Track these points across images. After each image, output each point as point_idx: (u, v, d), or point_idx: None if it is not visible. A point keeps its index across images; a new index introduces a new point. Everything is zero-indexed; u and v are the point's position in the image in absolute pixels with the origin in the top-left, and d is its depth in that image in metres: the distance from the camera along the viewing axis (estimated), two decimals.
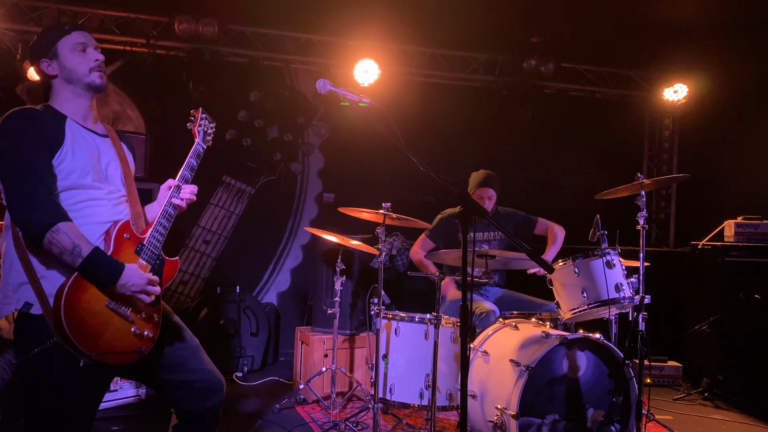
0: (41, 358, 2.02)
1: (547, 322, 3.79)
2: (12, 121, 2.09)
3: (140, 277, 2.10)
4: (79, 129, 2.22)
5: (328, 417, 4.14)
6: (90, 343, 1.98)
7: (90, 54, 2.26)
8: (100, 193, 2.20)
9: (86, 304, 2.01)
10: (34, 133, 2.08)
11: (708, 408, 4.80)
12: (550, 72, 6.25)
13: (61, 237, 1.99)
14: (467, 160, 6.63)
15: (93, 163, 2.20)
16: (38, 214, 1.99)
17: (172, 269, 2.31)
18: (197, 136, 2.49)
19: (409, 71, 6.15)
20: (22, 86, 5.30)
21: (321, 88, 2.52)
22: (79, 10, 5.25)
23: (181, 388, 2.33)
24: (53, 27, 2.28)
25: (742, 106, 5.98)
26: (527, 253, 2.51)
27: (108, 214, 2.19)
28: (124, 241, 2.16)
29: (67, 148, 2.13)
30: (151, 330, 2.18)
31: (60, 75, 2.24)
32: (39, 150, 2.06)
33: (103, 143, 2.29)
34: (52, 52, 2.23)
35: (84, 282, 2.02)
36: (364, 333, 4.71)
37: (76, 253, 1.99)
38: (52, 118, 2.17)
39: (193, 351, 2.37)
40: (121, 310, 2.09)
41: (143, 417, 3.98)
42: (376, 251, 3.75)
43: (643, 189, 3.64)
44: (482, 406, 3.50)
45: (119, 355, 2.06)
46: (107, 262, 2.05)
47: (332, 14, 5.49)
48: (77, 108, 2.26)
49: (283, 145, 6.17)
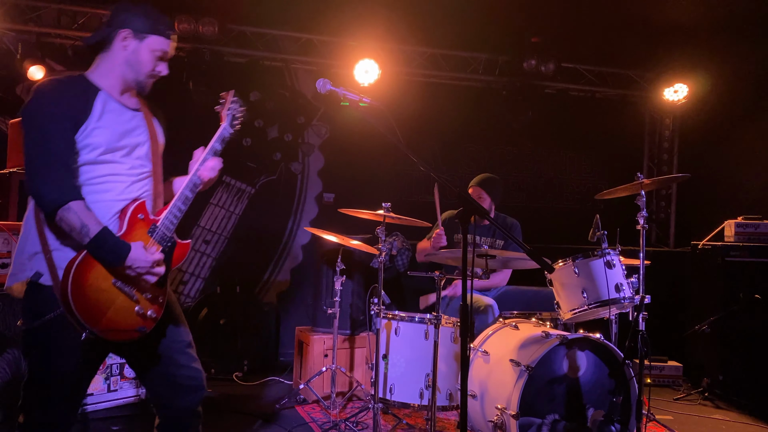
0: (45, 327, 2.07)
1: (547, 321, 3.79)
2: (38, 95, 2.11)
3: (146, 259, 2.12)
4: (111, 102, 2.22)
5: (328, 417, 4.14)
6: (93, 318, 2.03)
7: (160, 65, 2.30)
8: (121, 168, 2.21)
9: (93, 281, 2.05)
10: (57, 108, 2.09)
11: (708, 408, 4.80)
12: (550, 72, 6.25)
13: (71, 215, 2.02)
14: (467, 160, 6.63)
15: (119, 138, 2.20)
16: (51, 190, 2.03)
17: (183, 252, 2.33)
18: (224, 119, 2.46)
19: (410, 71, 6.15)
20: (22, 86, 5.29)
21: (321, 87, 2.52)
22: (80, 10, 5.24)
23: (164, 381, 2.34)
24: (160, 20, 2.27)
25: (742, 106, 5.98)
26: (527, 252, 2.51)
27: (127, 191, 2.21)
28: (138, 221, 2.19)
29: (93, 123, 2.13)
30: (155, 311, 2.21)
31: (124, 54, 2.24)
32: (61, 125, 2.07)
33: (134, 118, 2.29)
34: (140, 35, 2.23)
35: (93, 259, 2.06)
36: (364, 333, 4.71)
37: (84, 233, 2.03)
38: (82, 91, 2.17)
39: (184, 346, 2.38)
40: (127, 289, 2.13)
41: (143, 417, 3.98)
42: (376, 251, 3.75)
43: (643, 189, 3.64)
44: (482, 406, 3.50)
45: (121, 332, 2.11)
46: (113, 243, 2.07)
47: (332, 14, 5.49)
48: (116, 84, 2.26)
49: (283, 145, 6.17)
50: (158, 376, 2.33)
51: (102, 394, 4.05)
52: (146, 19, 2.24)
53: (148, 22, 2.23)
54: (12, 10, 5.05)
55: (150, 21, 2.24)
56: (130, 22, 2.22)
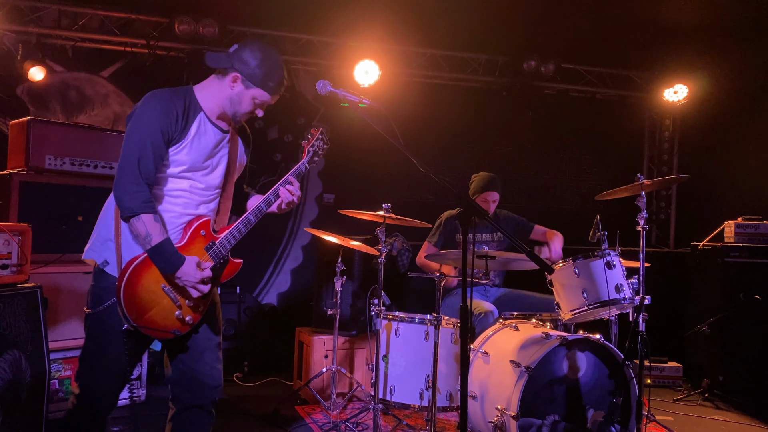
0: (100, 314, 2.34)
1: (547, 322, 3.79)
2: (148, 103, 2.35)
3: (194, 275, 2.32)
4: (206, 124, 2.43)
5: (328, 418, 4.14)
6: (136, 313, 2.27)
7: (259, 110, 2.49)
8: (197, 186, 2.44)
9: (145, 281, 2.29)
10: (161, 121, 2.30)
11: (708, 408, 4.80)
12: (550, 73, 6.26)
13: (139, 225, 2.26)
14: (467, 161, 6.64)
15: (204, 159, 2.43)
16: (129, 199, 2.26)
17: (233, 269, 2.55)
18: (305, 155, 2.72)
19: (409, 72, 6.15)
20: (22, 87, 5.30)
21: (321, 89, 2.52)
22: (80, 11, 5.25)
23: (187, 374, 2.50)
24: (271, 76, 2.41)
25: (742, 107, 5.99)
26: (527, 253, 2.51)
27: (196, 207, 2.45)
28: (199, 237, 2.43)
29: (186, 143, 2.36)
30: (193, 318, 2.42)
31: (230, 92, 2.42)
32: (159, 137, 2.30)
33: (222, 140, 2.50)
34: (248, 84, 2.40)
35: (150, 262, 2.30)
36: (364, 334, 4.71)
37: (147, 241, 2.26)
38: (189, 108, 2.38)
39: (212, 346, 2.56)
40: (173, 294, 2.35)
41: (144, 418, 3.98)
42: (376, 252, 3.75)
43: (643, 190, 3.64)
44: (482, 407, 3.50)
45: (158, 331, 2.34)
46: (170, 255, 2.30)
47: (332, 15, 5.49)
48: (216, 109, 2.45)
49: (283, 146, 6.18)
50: (182, 369, 2.50)
51: None
52: (259, 71, 2.39)
53: (259, 75, 2.40)
54: (12, 11, 5.05)
55: (260, 75, 2.40)
56: (244, 68, 2.39)
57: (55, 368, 3.79)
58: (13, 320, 3.08)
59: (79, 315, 3.98)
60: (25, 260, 3.17)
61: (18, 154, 3.97)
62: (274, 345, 5.61)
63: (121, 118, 5.61)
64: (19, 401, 3.06)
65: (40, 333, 3.23)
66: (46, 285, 3.38)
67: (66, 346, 3.89)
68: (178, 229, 2.40)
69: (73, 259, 3.95)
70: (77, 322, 3.97)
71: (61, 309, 3.89)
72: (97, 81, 5.56)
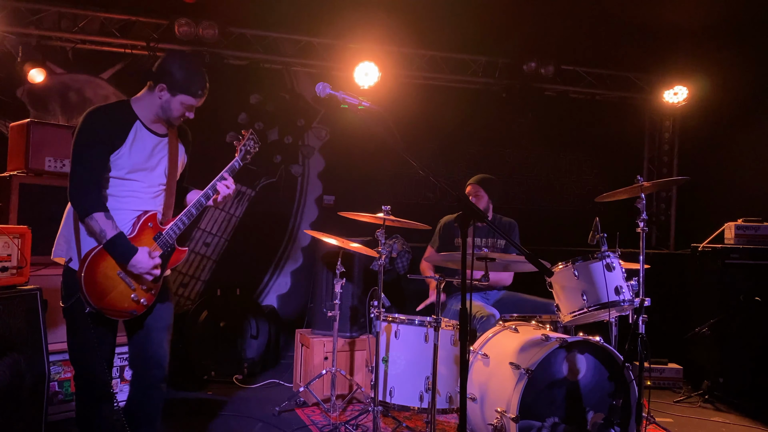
0: (72, 306, 2.66)
1: (546, 324, 3.79)
2: (86, 120, 2.64)
3: (147, 263, 2.64)
4: (142, 130, 2.72)
5: (328, 420, 4.14)
6: (96, 297, 2.60)
7: (189, 113, 2.75)
8: (140, 186, 2.73)
9: (103, 269, 2.61)
10: (98, 133, 2.62)
11: (708, 410, 4.79)
12: (550, 74, 6.26)
13: (93, 223, 2.58)
14: (467, 163, 6.64)
15: (143, 161, 2.71)
16: (82, 201, 2.60)
17: (179, 257, 2.85)
18: (238, 153, 2.92)
19: (409, 74, 6.16)
20: (22, 89, 5.30)
21: (321, 91, 2.53)
22: (80, 13, 5.25)
23: (138, 350, 2.84)
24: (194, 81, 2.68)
25: (742, 108, 5.99)
26: (526, 256, 2.51)
27: (143, 205, 2.74)
28: (147, 229, 2.73)
29: (125, 148, 2.66)
30: (147, 299, 2.74)
31: (159, 101, 2.70)
32: (98, 148, 2.61)
33: (159, 143, 2.77)
34: (173, 91, 2.67)
35: (106, 253, 2.61)
36: (364, 336, 4.71)
37: (102, 236, 2.59)
38: (123, 119, 2.68)
39: (162, 327, 2.85)
40: (128, 280, 2.66)
41: None
42: (376, 254, 3.75)
43: (643, 191, 3.64)
44: (482, 409, 3.50)
45: (117, 312, 2.67)
46: (124, 247, 2.61)
47: (332, 17, 5.50)
48: (150, 116, 2.74)
49: (283, 148, 6.18)
50: (135, 345, 2.85)
51: None
52: (181, 80, 2.67)
53: (182, 82, 2.67)
54: (12, 13, 5.05)
55: (183, 82, 2.67)
56: (167, 78, 2.68)
57: (55, 370, 3.79)
58: (13, 322, 3.09)
59: None
60: (25, 262, 3.18)
61: (18, 156, 3.97)
62: (273, 347, 5.61)
63: None
64: (19, 403, 3.06)
65: (40, 335, 3.23)
66: (45, 287, 3.38)
67: (65, 348, 3.88)
68: (129, 223, 2.70)
69: None
70: None
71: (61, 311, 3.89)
72: (97, 83, 5.56)
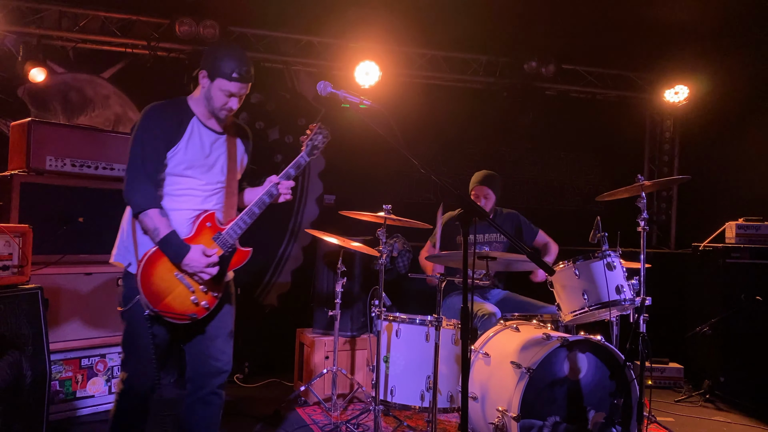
0: (130, 310, 2.62)
1: (548, 324, 3.79)
2: (145, 116, 2.63)
3: (200, 261, 2.58)
4: (200, 127, 2.69)
5: (329, 419, 4.14)
6: (154, 300, 2.56)
7: (230, 101, 2.66)
8: (197, 184, 2.68)
9: (159, 270, 2.58)
10: (156, 129, 2.59)
11: (709, 410, 4.79)
12: (550, 74, 6.25)
13: (147, 220, 2.55)
14: (468, 162, 6.63)
15: (200, 158, 2.67)
16: (137, 197, 2.56)
17: (242, 257, 2.78)
18: (304, 148, 2.84)
19: (410, 73, 6.15)
20: (23, 88, 5.30)
21: (322, 90, 2.54)
22: (81, 12, 5.25)
23: (199, 357, 2.78)
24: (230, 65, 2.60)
25: (742, 108, 5.98)
26: (527, 255, 2.51)
27: (200, 204, 2.69)
28: (205, 229, 2.67)
29: (182, 144, 2.62)
30: (209, 302, 2.67)
31: (203, 90, 2.67)
32: (156, 143, 2.58)
33: (217, 140, 2.73)
34: (212, 75, 2.62)
35: (162, 254, 2.57)
36: (365, 335, 4.71)
37: (155, 234, 2.55)
38: (181, 114, 2.66)
39: (224, 334, 2.83)
40: (186, 281, 2.61)
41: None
42: (377, 253, 3.75)
43: (644, 190, 3.64)
44: (483, 408, 3.50)
45: (175, 315, 2.60)
46: (177, 245, 2.56)
47: (333, 16, 5.49)
48: (204, 111, 2.70)
49: (284, 147, 6.17)
50: (195, 352, 2.79)
51: (103, 396, 4.06)
52: (219, 63, 2.61)
53: (219, 66, 2.61)
54: (13, 12, 5.05)
55: (220, 65, 2.60)
56: (207, 64, 2.65)
57: (56, 369, 3.80)
58: (14, 321, 3.09)
59: (80, 316, 3.99)
60: (26, 261, 3.18)
61: (19, 156, 3.97)
62: (274, 346, 5.61)
63: (122, 120, 5.62)
64: (20, 402, 3.07)
65: (41, 334, 3.23)
66: (46, 286, 3.38)
67: (67, 347, 3.90)
68: (187, 223, 2.65)
69: (74, 260, 3.96)
70: (78, 323, 3.98)
71: (62, 310, 3.90)
72: (97, 82, 5.56)
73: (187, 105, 2.70)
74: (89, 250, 4.00)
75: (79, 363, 3.96)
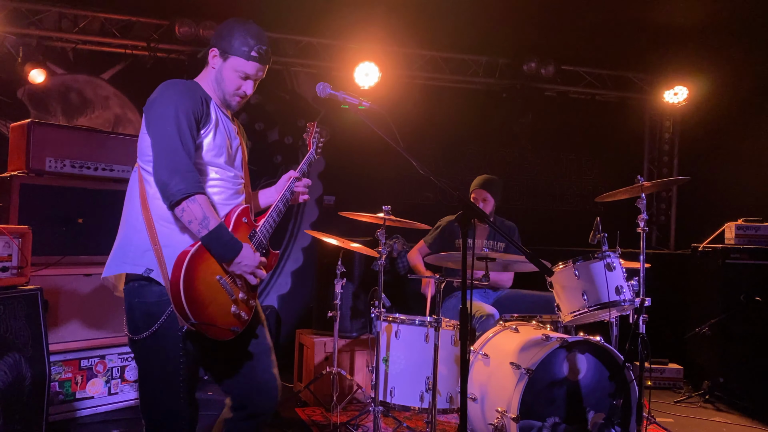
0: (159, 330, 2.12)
1: (547, 324, 3.79)
2: (171, 89, 2.20)
3: (254, 259, 2.19)
4: (219, 112, 2.33)
5: (328, 420, 4.14)
6: (197, 310, 2.05)
7: (245, 85, 2.33)
8: (227, 176, 2.31)
9: (202, 274, 2.10)
10: (189, 104, 2.16)
11: (709, 410, 4.79)
12: (550, 74, 6.26)
13: (195, 207, 2.07)
14: (467, 163, 6.64)
15: (227, 146, 2.31)
16: (180, 180, 2.07)
17: (273, 261, 2.44)
18: (311, 146, 2.78)
19: (410, 74, 6.16)
20: (23, 89, 5.30)
21: (321, 91, 2.53)
22: (80, 14, 5.26)
23: (246, 381, 2.36)
24: (247, 42, 2.29)
25: (742, 108, 5.99)
26: (527, 255, 2.51)
27: (232, 198, 2.32)
28: (242, 225, 2.28)
29: (212, 126, 2.24)
30: (246, 313, 2.25)
31: (213, 72, 2.33)
32: (190, 121, 2.15)
33: (233, 129, 2.41)
34: (225, 54, 2.30)
35: (205, 252, 2.11)
36: (364, 336, 4.71)
37: (204, 225, 2.08)
38: (202, 95, 2.26)
39: (267, 349, 2.44)
40: (228, 287, 2.17)
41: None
42: (377, 254, 3.75)
43: (644, 191, 3.64)
44: (483, 409, 3.50)
45: (217, 329, 2.13)
46: (229, 239, 2.14)
47: (332, 17, 5.49)
48: (215, 97, 2.35)
49: (283, 148, 6.18)
50: (241, 376, 2.35)
51: (102, 397, 4.06)
52: (234, 40, 2.29)
53: (234, 43, 2.29)
54: (13, 13, 5.06)
55: (236, 42, 2.29)
56: (219, 41, 2.31)
57: (56, 371, 3.80)
58: (14, 323, 3.09)
59: (80, 317, 3.98)
60: (26, 262, 3.17)
61: (18, 157, 3.97)
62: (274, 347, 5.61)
63: (121, 121, 5.62)
64: (20, 404, 3.06)
65: (41, 335, 3.23)
66: (46, 287, 3.38)
67: (66, 348, 3.90)
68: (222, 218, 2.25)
69: (74, 261, 3.96)
70: (77, 324, 3.98)
71: (62, 311, 3.90)
72: (97, 83, 5.57)
73: (202, 88, 2.33)
74: (89, 251, 4.00)
75: (79, 364, 3.96)
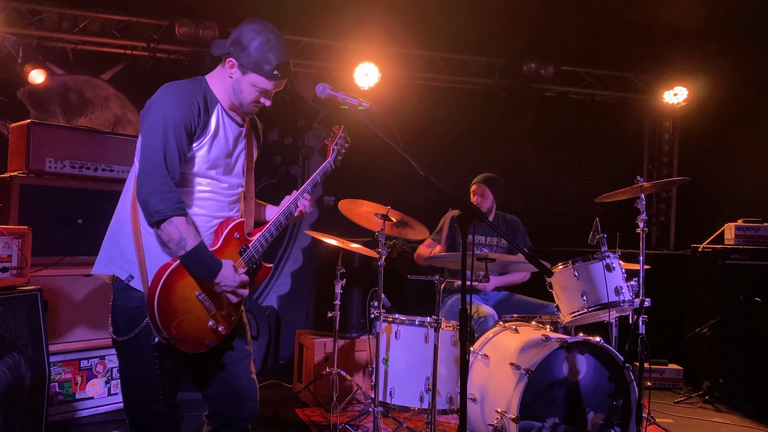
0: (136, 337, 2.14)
1: (547, 325, 3.79)
2: (167, 96, 2.14)
3: (233, 279, 2.17)
4: (224, 118, 2.27)
5: (328, 420, 4.14)
6: (169, 324, 2.07)
7: (263, 98, 2.28)
8: (220, 187, 2.27)
9: (180, 289, 2.10)
10: (180, 116, 2.11)
11: (708, 411, 4.79)
12: (550, 75, 6.26)
13: (172, 229, 2.07)
14: (467, 163, 6.64)
15: (224, 156, 2.26)
16: (159, 201, 2.05)
17: (264, 274, 2.40)
18: (330, 154, 2.64)
19: (409, 74, 6.16)
20: (23, 90, 5.30)
21: (321, 92, 2.52)
22: (80, 14, 5.25)
23: (224, 389, 2.35)
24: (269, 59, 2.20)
25: (742, 109, 5.99)
26: (526, 256, 2.51)
27: (223, 210, 2.28)
28: (233, 240, 2.26)
29: (208, 138, 2.19)
30: (225, 328, 2.24)
31: (230, 81, 2.25)
32: (179, 135, 2.10)
33: (238, 135, 2.34)
34: (244, 69, 2.21)
35: (184, 269, 2.11)
36: (364, 336, 4.71)
37: (181, 246, 2.07)
38: (206, 101, 2.20)
39: (246, 356, 2.40)
40: (207, 303, 2.16)
41: None
42: (376, 254, 3.75)
43: (643, 192, 3.64)
44: (482, 410, 3.50)
45: (190, 343, 2.14)
46: (208, 258, 2.12)
47: (332, 18, 5.49)
48: (227, 100, 2.29)
49: (283, 149, 6.18)
50: (219, 385, 2.35)
51: (102, 398, 4.06)
52: (254, 55, 2.19)
53: (254, 59, 2.20)
54: (13, 14, 5.06)
55: (257, 58, 2.19)
56: (239, 53, 2.21)
57: (55, 371, 3.80)
58: (13, 323, 3.09)
59: (79, 317, 3.99)
60: (25, 263, 3.18)
61: (18, 157, 3.97)
62: (274, 348, 5.62)
63: (121, 121, 5.62)
64: (19, 404, 3.07)
65: (40, 336, 3.23)
66: (46, 288, 3.38)
67: (66, 348, 3.91)
68: (209, 232, 2.24)
69: (74, 262, 3.96)
70: (77, 324, 3.98)
71: (61, 312, 3.90)
72: (97, 84, 5.57)
73: (209, 88, 2.25)
74: (89, 252, 3.99)
75: (79, 364, 3.96)
